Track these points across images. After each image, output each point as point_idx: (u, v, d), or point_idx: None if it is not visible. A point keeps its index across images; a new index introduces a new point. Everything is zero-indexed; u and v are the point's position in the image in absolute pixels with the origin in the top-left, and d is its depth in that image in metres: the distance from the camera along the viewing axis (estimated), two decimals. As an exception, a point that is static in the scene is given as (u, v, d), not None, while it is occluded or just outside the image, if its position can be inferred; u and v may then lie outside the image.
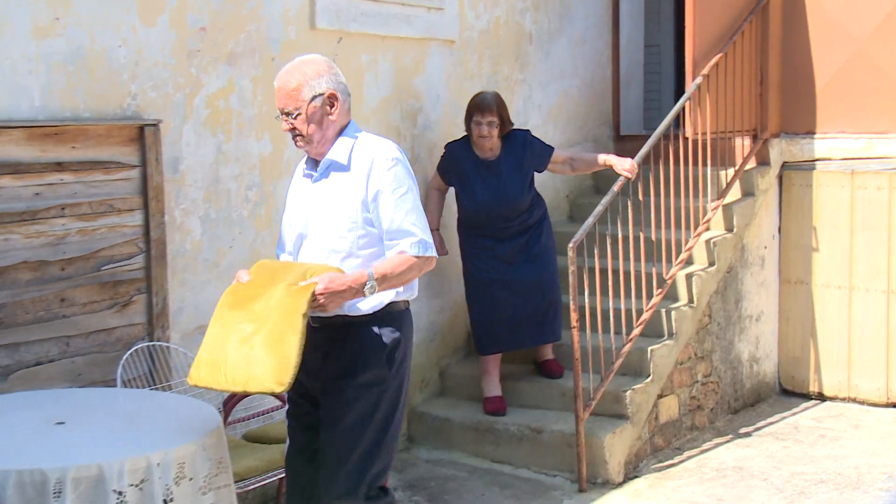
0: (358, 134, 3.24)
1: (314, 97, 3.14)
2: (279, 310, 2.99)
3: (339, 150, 3.19)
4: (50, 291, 3.89)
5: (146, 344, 4.17)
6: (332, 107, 3.17)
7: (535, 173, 5.34)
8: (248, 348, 2.99)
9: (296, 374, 2.93)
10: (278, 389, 2.95)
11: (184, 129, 4.33)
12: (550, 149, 5.33)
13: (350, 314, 3.15)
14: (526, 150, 5.24)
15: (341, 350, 3.17)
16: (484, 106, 5.15)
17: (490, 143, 5.18)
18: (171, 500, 2.96)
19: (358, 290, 3.02)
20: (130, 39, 4.10)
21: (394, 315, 3.21)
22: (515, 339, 5.26)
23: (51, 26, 3.83)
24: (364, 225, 3.14)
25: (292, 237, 3.30)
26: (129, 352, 4.10)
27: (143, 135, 4.14)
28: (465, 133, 5.29)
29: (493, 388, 5.36)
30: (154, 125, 4.16)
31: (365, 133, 3.26)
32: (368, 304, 3.15)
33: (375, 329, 3.17)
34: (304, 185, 3.29)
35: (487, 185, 5.19)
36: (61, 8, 3.85)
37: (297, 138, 3.20)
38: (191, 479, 3.03)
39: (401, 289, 3.20)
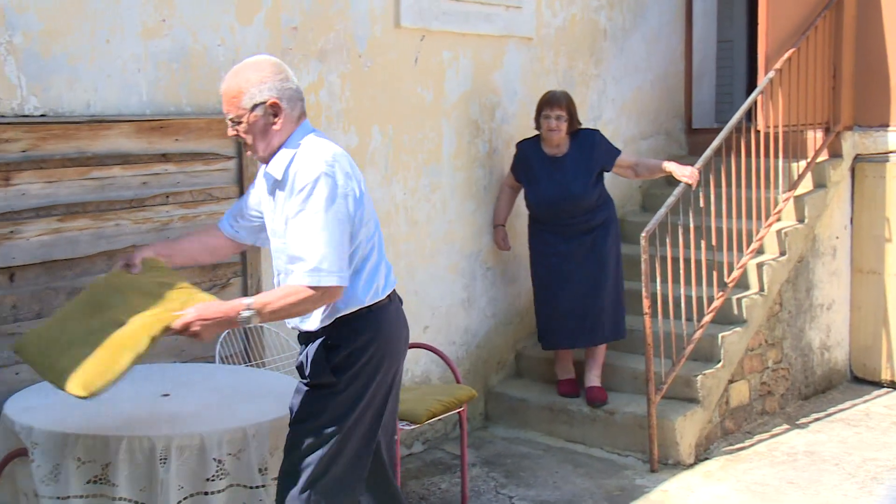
0: (301, 142, 2.97)
1: (255, 106, 2.93)
2: (136, 326, 2.87)
3: (276, 165, 2.97)
4: (156, 273, 4.17)
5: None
6: (275, 116, 2.95)
7: (605, 173, 5.43)
8: (86, 347, 2.86)
9: (107, 388, 2.77)
10: (81, 394, 2.75)
11: (276, 123, 4.58)
12: (618, 151, 5.42)
13: (302, 327, 3.06)
14: (594, 149, 5.33)
15: (303, 356, 3.11)
16: (554, 101, 5.28)
17: (558, 137, 5.30)
18: (266, 469, 3.13)
19: (232, 320, 2.85)
20: (229, 38, 4.35)
21: (350, 324, 3.00)
22: (571, 338, 5.36)
23: (157, 27, 4.10)
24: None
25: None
26: (227, 330, 4.34)
27: (239, 128, 4.40)
28: (535, 128, 5.42)
29: (566, 372, 5.52)
30: (249, 119, 4.41)
31: (310, 140, 2.99)
32: (315, 322, 3.00)
33: (322, 342, 3.01)
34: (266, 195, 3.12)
35: (553, 180, 5.31)
36: (167, 10, 4.12)
37: (245, 146, 3.03)
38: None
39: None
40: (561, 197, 5.30)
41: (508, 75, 5.75)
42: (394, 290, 3.17)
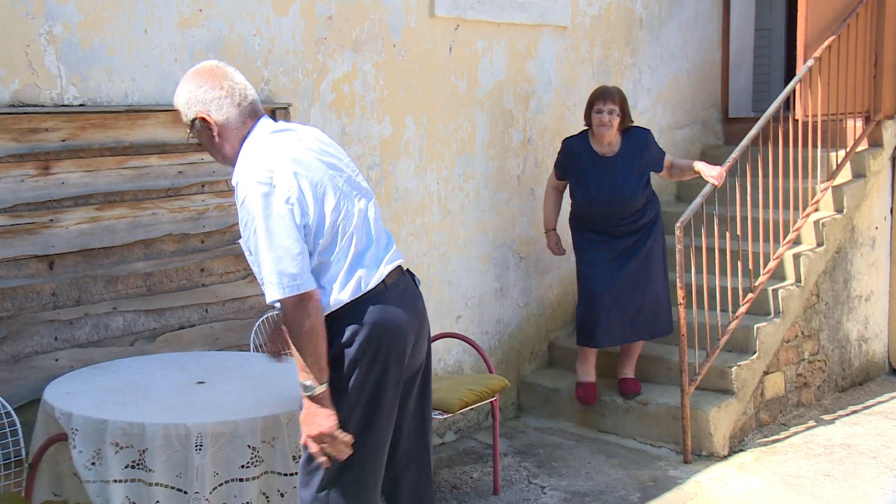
0: (242, 150, 2.86)
1: (192, 123, 2.90)
2: None
3: (235, 178, 2.88)
4: (191, 262, 4.17)
5: (276, 312, 4.43)
6: (210, 129, 2.88)
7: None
8: None
9: None
10: None
11: (311, 112, 4.59)
12: (664, 153, 5.30)
13: None
14: (646, 150, 5.19)
15: None
16: (606, 95, 5.13)
17: (610, 134, 5.13)
18: (300, 456, 3.11)
19: (310, 401, 2.78)
20: (264, 28, 4.38)
21: (335, 320, 2.85)
22: (611, 336, 5.22)
23: (194, 17, 4.13)
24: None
25: None
26: (261, 319, 4.34)
27: (274, 117, 4.37)
28: (585, 125, 5.28)
29: (586, 374, 5.37)
30: (285, 108, 4.40)
31: (249, 147, 2.85)
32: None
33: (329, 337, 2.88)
34: None
35: (603, 180, 5.14)
36: (203, 0, 4.15)
37: None
38: (317, 438, 3.29)
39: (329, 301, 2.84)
40: (612, 198, 5.13)
41: (543, 64, 5.73)
42: (400, 272, 3.00)
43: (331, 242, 2.86)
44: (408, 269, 3.09)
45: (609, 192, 5.14)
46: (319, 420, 2.77)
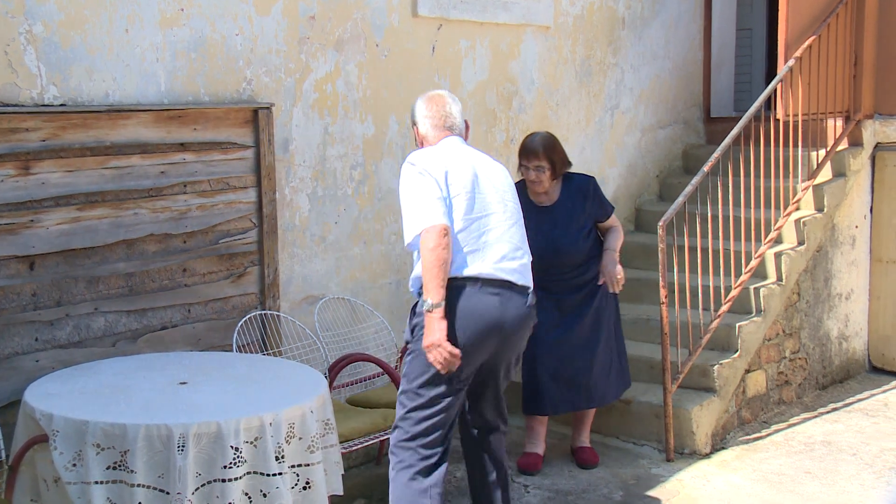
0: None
1: (413, 125, 3.83)
2: None
3: None
4: (173, 262, 4.17)
5: (258, 312, 4.42)
6: (417, 136, 3.80)
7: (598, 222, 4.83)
8: None
9: None
10: None
11: (294, 112, 4.59)
12: (612, 207, 4.84)
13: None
14: (586, 201, 4.73)
15: None
16: (529, 151, 4.66)
17: (541, 189, 4.70)
18: (283, 457, 3.18)
19: (426, 316, 3.40)
20: (246, 28, 4.37)
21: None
22: (554, 404, 4.84)
23: (175, 17, 4.12)
24: None
25: None
26: (244, 319, 4.35)
27: (256, 117, 4.39)
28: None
29: (533, 445, 4.97)
30: (267, 108, 4.41)
31: (432, 147, 3.69)
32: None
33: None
34: None
35: (539, 231, 4.63)
36: (185, -1, 4.16)
37: None
38: (300, 439, 3.26)
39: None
40: (548, 251, 4.65)
41: (526, 64, 5.74)
42: (510, 285, 3.54)
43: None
44: (531, 291, 3.63)
45: (545, 243, 4.64)
46: (431, 332, 3.37)
